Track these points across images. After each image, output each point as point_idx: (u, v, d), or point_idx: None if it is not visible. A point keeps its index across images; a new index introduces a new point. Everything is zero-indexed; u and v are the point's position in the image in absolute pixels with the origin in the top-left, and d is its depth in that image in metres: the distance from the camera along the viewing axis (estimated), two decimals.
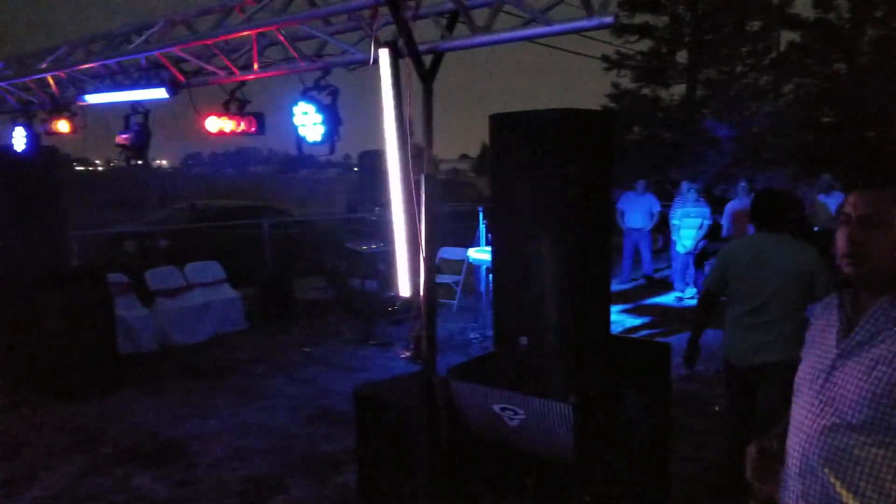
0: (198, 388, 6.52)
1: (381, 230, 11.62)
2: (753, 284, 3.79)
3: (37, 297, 6.25)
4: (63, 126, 5.54)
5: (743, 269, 3.87)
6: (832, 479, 1.60)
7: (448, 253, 9.56)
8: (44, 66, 5.39)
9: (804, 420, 1.68)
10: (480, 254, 8.24)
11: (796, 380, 1.78)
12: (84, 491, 4.47)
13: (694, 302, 9.90)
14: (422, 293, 3.53)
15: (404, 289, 3.70)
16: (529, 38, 3.25)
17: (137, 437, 5.35)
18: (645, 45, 15.86)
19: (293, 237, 11.70)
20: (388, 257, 8.95)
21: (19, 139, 5.95)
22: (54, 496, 4.42)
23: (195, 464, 4.87)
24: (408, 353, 3.77)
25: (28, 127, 5.88)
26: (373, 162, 13.95)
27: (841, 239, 1.63)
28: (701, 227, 9.71)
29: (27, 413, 5.84)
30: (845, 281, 1.69)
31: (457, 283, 9.50)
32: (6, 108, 6.21)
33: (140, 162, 5.29)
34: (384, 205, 11.66)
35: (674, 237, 10.26)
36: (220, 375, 6.91)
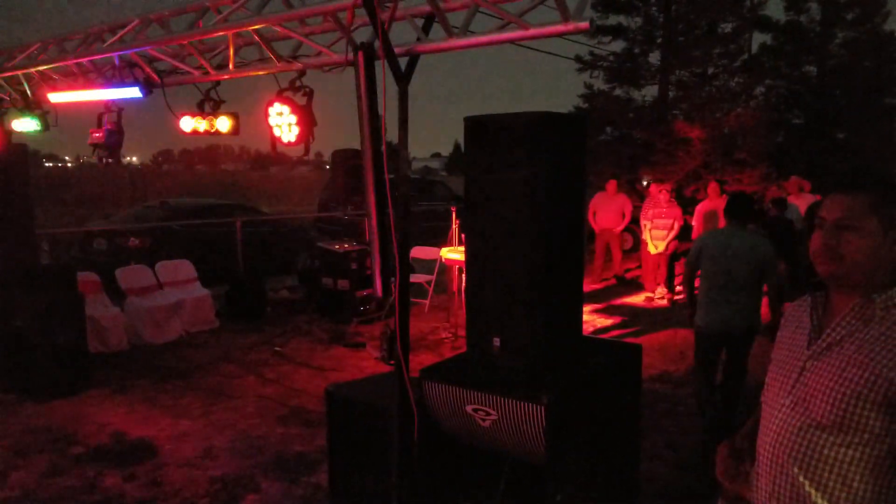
0: (168, 387, 6.46)
1: (353, 229, 11.64)
2: (721, 266, 4.75)
3: (6, 296, 6.15)
4: (34, 124, 5.46)
5: (714, 252, 4.81)
6: (801, 479, 1.63)
7: (420, 252, 9.58)
8: (15, 63, 5.30)
9: (774, 420, 1.71)
10: (453, 253, 8.27)
11: (767, 380, 1.81)
12: (54, 491, 4.43)
13: (665, 302, 10.06)
14: (395, 293, 3.56)
15: (378, 288, 3.72)
16: (505, 42, 3.28)
17: (107, 436, 5.30)
18: (618, 45, 16.02)
19: (265, 236, 11.62)
20: (359, 257, 8.97)
21: None
22: (23, 496, 4.37)
23: (166, 463, 4.84)
24: (380, 354, 3.79)
25: None
26: (345, 161, 13.93)
27: (815, 241, 1.67)
28: (672, 228, 9.85)
29: None
30: (817, 284, 1.73)
31: (429, 283, 9.53)
32: None
33: (112, 160, 5.25)
34: (356, 204, 11.65)
35: (645, 238, 10.40)
36: (190, 375, 6.86)
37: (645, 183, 14.87)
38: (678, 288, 10.63)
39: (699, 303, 4.94)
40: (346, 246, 9.17)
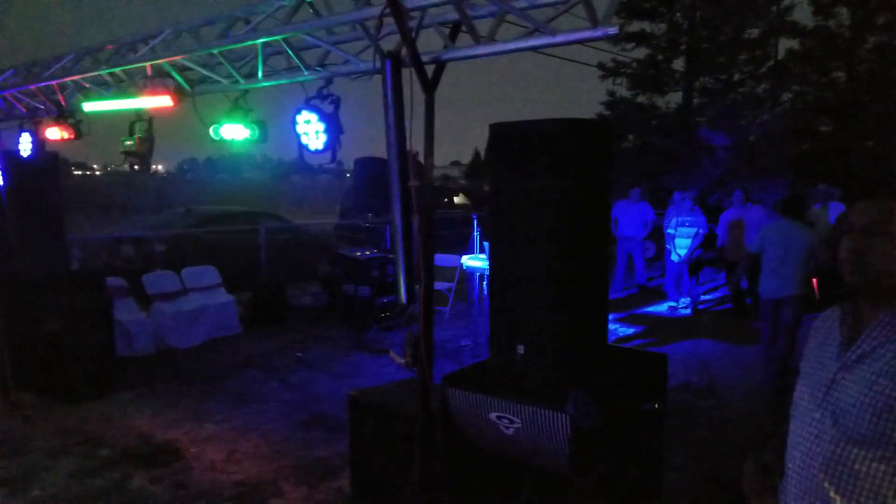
0: (193, 391, 6.54)
1: (374, 237, 11.69)
2: (779, 249, 6.37)
3: (38, 300, 6.28)
4: (68, 133, 5.59)
5: (774, 239, 6.44)
6: (833, 494, 1.58)
7: (440, 260, 9.60)
8: (50, 73, 5.43)
9: (804, 434, 1.67)
10: (474, 261, 8.28)
11: (796, 394, 1.77)
12: (83, 492, 4.50)
13: (688, 311, 9.96)
14: (419, 300, 3.57)
15: (402, 295, 3.73)
16: (532, 49, 3.29)
17: (134, 439, 5.37)
18: (641, 52, 15.95)
19: (286, 243, 11.72)
20: (380, 264, 9.01)
21: (25, 145, 6.01)
22: (54, 496, 4.45)
23: (191, 467, 4.89)
24: (403, 360, 3.80)
25: (34, 133, 5.94)
26: (367, 169, 13.99)
27: (844, 248, 1.65)
28: (696, 236, 9.75)
29: (27, 414, 5.85)
30: (847, 294, 1.69)
31: (449, 290, 9.54)
32: (14, 114, 6.27)
33: (143, 168, 5.34)
34: (377, 211, 11.74)
35: (668, 246, 10.31)
36: (214, 379, 6.93)
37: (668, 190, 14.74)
38: (701, 298, 10.56)
39: (762, 279, 6.52)
40: (367, 253, 9.21)
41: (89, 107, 5.39)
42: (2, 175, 6.39)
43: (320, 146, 3.79)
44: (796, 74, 17.28)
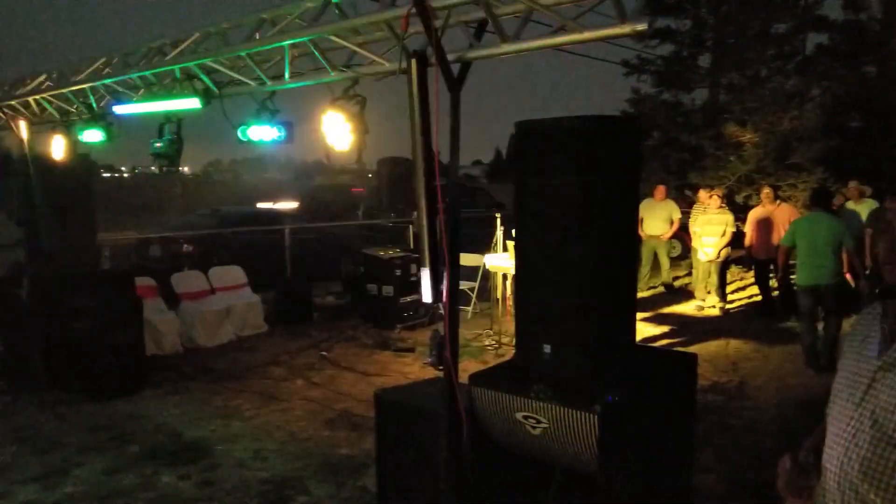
0: (220, 389, 6.62)
1: (398, 236, 11.73)
2: (812, 240, 6.77)
3: (70, 299, 6.39)
4: (100, 135, 5.69)
5: (805, 232, 6.86)
6: (872, 496, 1.54)
7: (463, 259, 9.57)
8: (82, 77, 5.53)
9: (842, 434, 1.64)
10: (498, 260, 8.26)
11: (833, 391, 1.73)
12: (114, 487, 4.58)
13: (716, 311, 9.84)
14: (444, 299, 3.57)
15: (427, 295, 3.74)
16: (559, 46, 3.27)
17: (163, 436, 5.45)
18: (666, 49, 15.75)
19: (311, 243, 11.81)
20: (403, 263, 9.04)
21: (58, 148, 6.13)
22: (86, 492, 4.53)
23: (218, 464, 4.95)
24: (430, 359, 3.80)
25: (67, 136, 6.06)
26: (390, 169, 14.03)
27: (884, 246, 1.62)
28: (724, 234, 9.63)
29: (60, 411, 5.97)
30: (888, 291, 1.66)
31: (472, 290, 9.54)
32: (47, 117, 6.39)
33: (174, 169, 5.42)
34: (401, 211, 11.75)
35: (695, 245, 10.19)
36: (241, 377, 7.01)
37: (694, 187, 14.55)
38: (729, 297, 10.42)
39: (797, 269, 7.00)
40: (391, 252, 9.25)
41: (120, 110, 5.48)
42: (37, 177, 6.52)
43: (346, 146, 3.81)
44: (825, 70, 16.92)
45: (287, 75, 4.28)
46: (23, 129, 6.56)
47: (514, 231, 3.60)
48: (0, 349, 7.08)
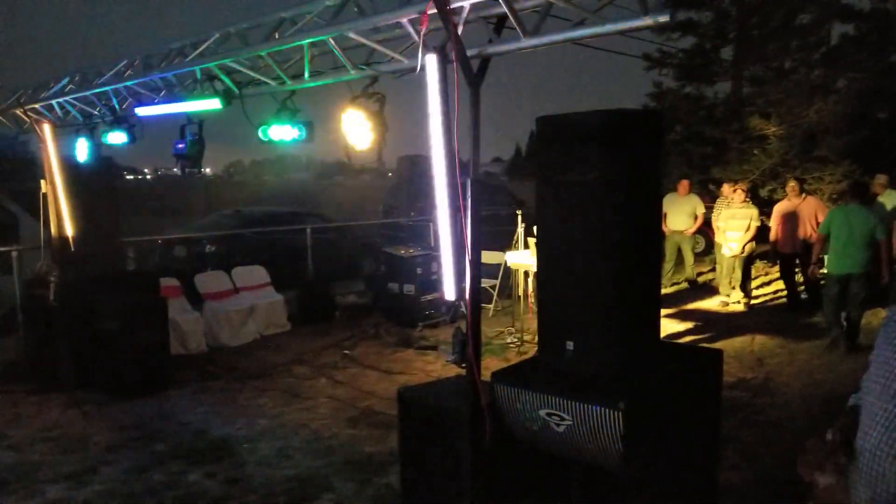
0: (244, 388, 6.67)
1: (418, 234, 11.75)
2: (845, 230, 7.11)
3: (96, 300, 6.48)
4: (123, 137, 5.76)
5: (840, 222, 7.19)
6: None
7: (484, 256, 9.55)
8: (104, 80, 5.60)
9: (874, 424, 1.65)
10: (519, 257, 8.23)
11: (866, 381, 1.75)
12: (141, 486, 4.63)
13: (740, 307, 9.71)
14: (467, 297, 3.56)
15: (450, 292, 3.73)
16: (580, 40, 3.24)
17: (189, 435, 5.51)
18: (687, 42, 15.57)
19: (332, 242, 11.86)
20: (424, 261, 9.05)
21: (82, 150, 6.21)
22: (114, 490, 4.59)
23: (244, 462, 4.99)
24: (452, 357, 3.80)
25: (90, 138, 6.13)
26: (410, 167, 14.06)
27: None
28: (748, 229, 9.50)
29: (87, 410, 6.05)
30: None
31: (493, 287, 9.51)
32: (70, 120, 6.48)
33: (196, 170, 5.47)
34: (421, 209, 11.75)
35: (718, 240, 10.07)
36: (265, 376, 7.06)
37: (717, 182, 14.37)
38: (754, 292, 10.28)
39: (829, 257, 7.33)
40: (412, 251, 9.26)
41: (142, 111, 5.54)
42: (62, 180, 6.62)
43: (366, 145, 3.81)
44: (851, 60, 16.61)
45: (307, 74, 4.29)
46: (47, 132, 6.66)
47: (535, 228, 3.58)
48: (28, 350, 7.21)
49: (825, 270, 7.74)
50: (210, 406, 6.18)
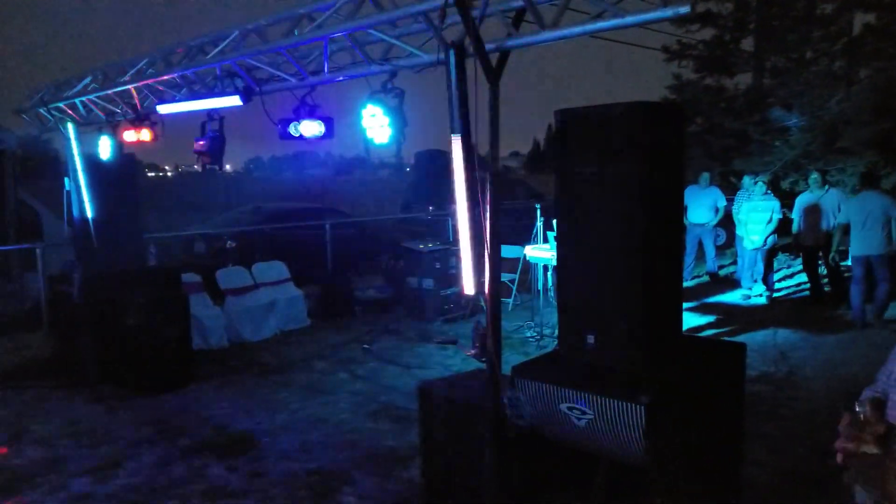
0: (265, 383, 6.73)
1: (436, 229, 11.75)
2: (861, 215, 7.79)
3: (119, 296, 6.57)
4: (145, 135, 5.82)
5: (857, 209, 7.89)
6: None
7: (503, 250, 9.53)
8: (126, 78, 5.65)
9: None
10: (538, 251, 8.20)
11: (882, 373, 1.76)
12: (165, 479, 4.69)
13: (762, 300, 9.61)
14: (487, 291, 3.56)
15: (469, 287, 3.73)
16: (599, 33, 3.21)
17: (211, 429, 5.57)
18: (707, 33, 15.44)
19: (351, 237, 11.91)
20: (443, 256, 9.05)
21: (104, 148, 6.28)
22: (138, 484, 4.65)
23: (265, 456, 5.03)
24: (473, 351, 3.80)
25: (112, 136, 6.20)
26: (429, 162, 14.05)
27: None
28: (770, 221, 9.39)
29: (111, 405, 6.14)
30: None
31: (512, 281, 9.49)
32: (92, 118, 6.55)
33: (217, 167, 5.51)
34: (440, 204, 11.74)
35: (740, 233, 9.97)
36: (285, 371, 7.11)
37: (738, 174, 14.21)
38: (776, 285, 10.17)
39: (851, 240, 7.92)
40: (430, 245, 9.26)
41: (163, 109, 5.59)
42: (84, 177, 6.70)
43: (385, 139, 3.81)
44: (874, 50, 16.35)
45: (326, 70, 4.30)
46: (70, 130, 6.74)
47: (554, 221, 3.56)
48: (53, 345, 7.32)
49: (848, 262, 8.27)
50: (231, 400, 6.24)
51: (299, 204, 15.04)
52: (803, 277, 10.04)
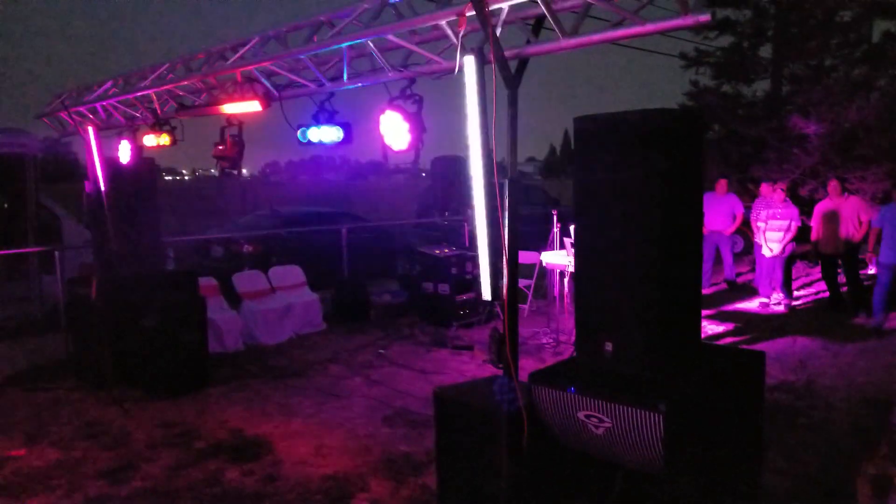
0: (281, 387, 6.74)
1: (452, 234, 11.75)
2: (890, 225, 7.99)
3: (137, 298, 6.62)
4: (165, 139, 5.87)
5: (891, 217, 8.08)
6: None
7: (519, 256, 9.50)
8: (147, 83, 5.72)
9: None
10: (554, 257, 8.18)
11: None
12: (180, 483, 4.71)
13: (781, 308, 9.52)
14: (504, 297, 3.55)
15: (486, 292, 3.72)
16: (619, 41, 3.21)
17: (227, 432, 5.58)
18: (725, 40, 15.36)
19: (367, 242, 11.93)
20: (459, 261, 9.04)
21: (124, 152, 6.34)
22: (154, 487, 4.67)
23: (281, 460, 5.04)
24: (489, 357, 3.79)
25: (132, 140, 6.26)
26: (445, 168, 14.06)
27: None
28: (788, 228, 9.31)
29: (128, 408, 6.18)
30: None
31: (528, 287, 9.47)
32: (113, 123, 6.62)
33: (236, 171, 5.55)
34: (455, 209, 11.72)
35: (758, 240, 9.89)
36: (301, 375, 7.13)
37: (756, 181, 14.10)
38: (795, 293, 10.07)
39: (882, 248, 8.15)
40: (446, 251, 9.26)
41: (183, 114, 5.64)
42: (104, 180, 6.77)
43: (404, 145, 3.82)
44: (893, 57, 16.19)
45: (345, 76, 4.33)
46: (91, 134, 6.81)
47: (572, 227, 3.55)
48: (71, 347, 7.39)
49: (871, 271, 8.43)
50: (247, 404, 6.26)
51: (315, 208, 15.10)
52: (822, 285, 9.93)
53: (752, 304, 9.92)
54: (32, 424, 5.85)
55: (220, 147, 5.44)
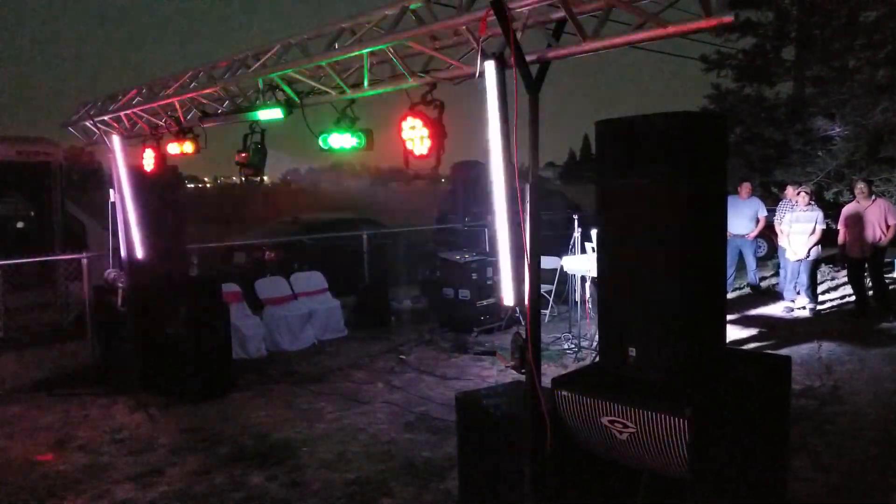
0: (303, 392, 6.78)
1: (472, 240, 11.74)
2: None
3: (161, 305, 6.69)
4: (188, 147, 5.94)
5: None
6: None
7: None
8: (170, 91, 5.79)
9: None
10: (575, 262, 8.14)
11: None
12: (205, 488, 4.75)
13: (806, 313, 9.39)
14: (527, 302, 3.54)
15: (509, 298, 3.72)
16: (641, 43, 3.19)
17: (250, 438, 5.62)
18: (747, 42, 15.23)
19: (388, 248, 11.97)
20: (479, 267, 9.04)
21: (148, 160, 6.43)
22: (180, 491, 4.71)
23: (304, 465, 5.07)
24: (511, 362, 3.77)
25: (156, 149, 6.34)
26: (466, 173, 14.06)
27: None
28: (813, 232, 9.19)
29: (153, 413, 6.25)
30: None
31: (549, 293, 9.44)
32: (137, 131, 6.72)
33: (258, 179, 5.59)
34: (476, 215, 11.70)
35: (782, 244, 9.77)
36: (323, 381, 7.16)
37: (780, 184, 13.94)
38: (820, 297, 9.92)
39: None
40: (466, 256, 9.26)
41: (206, 122, 5.71)
42: (129, 188, 6.86)
43: (425, 151, 3.83)
44: None
45: (366, 83, 4.35)
46: (116, 142, 6.91)
47: (594, 232, 3.54)
48: (97, 353, 7.49)
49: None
50: (270, 409, 6.31)
51: (336, 215, 15.19)
52: (848, 290, 9.78)
53: (776, 309, 9.79)
54: (59, 429, 5.93)
55: (243, 154, 5.50)
